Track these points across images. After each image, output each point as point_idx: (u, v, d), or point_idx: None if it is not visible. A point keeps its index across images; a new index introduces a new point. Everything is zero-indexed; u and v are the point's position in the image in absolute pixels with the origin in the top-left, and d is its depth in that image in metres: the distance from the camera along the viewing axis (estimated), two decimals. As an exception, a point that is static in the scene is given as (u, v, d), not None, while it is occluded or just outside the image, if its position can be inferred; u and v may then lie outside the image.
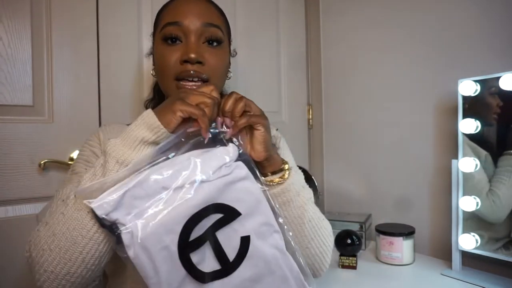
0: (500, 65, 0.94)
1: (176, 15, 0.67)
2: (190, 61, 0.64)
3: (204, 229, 0.50)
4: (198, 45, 0.66)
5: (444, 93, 1.08)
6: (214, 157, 0.54)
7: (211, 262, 0.51)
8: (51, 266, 0.51)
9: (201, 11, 0.68)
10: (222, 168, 0.53)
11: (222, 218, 0.52)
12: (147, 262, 0.48)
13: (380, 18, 1.27)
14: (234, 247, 0.52)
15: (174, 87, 0.67)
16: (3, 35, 0.85)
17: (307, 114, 1.51)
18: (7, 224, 0.86)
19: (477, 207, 0.92)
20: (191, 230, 0.49)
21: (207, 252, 0.51)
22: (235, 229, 0.52)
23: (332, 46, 1.46)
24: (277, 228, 0.55)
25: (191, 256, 0.49)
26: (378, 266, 1.03)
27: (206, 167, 0.52)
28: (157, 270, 0.48)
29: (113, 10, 1.01)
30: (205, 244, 0.51)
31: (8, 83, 0.86)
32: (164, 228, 0.48)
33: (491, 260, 0.93)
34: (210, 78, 0.67)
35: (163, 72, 0.68)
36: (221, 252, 0.51)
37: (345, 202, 1.39)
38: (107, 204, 0.48)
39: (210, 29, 0.67)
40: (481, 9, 1.01)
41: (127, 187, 0.49)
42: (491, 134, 0.93)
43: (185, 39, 0.67)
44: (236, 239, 0.52)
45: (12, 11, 0.86)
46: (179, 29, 0.66)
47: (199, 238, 0.50)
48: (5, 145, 0.86)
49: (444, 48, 1.09)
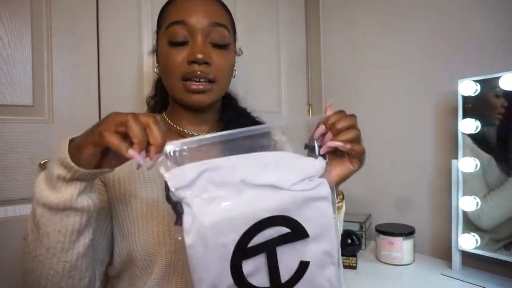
0: (500, 65, 0.94)
1: (182, 13, 0.65)
2: (197, 61, 0.64)
3: (266, 239, 0.45)
4: (205, 45, 0.65)
5: (444, 93, 1.08)
6: (301, 166, 0.50)
7: (262, 277, 0.46)
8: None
9: (208, 9, 0.67)
10: (305, 181, 0.49)
11: (288, 233, 0.47)
12: (202, 254, 0.43)
13: (380, 18, 1.27)
14: (290, 268, 0.47)
15: (181, 87, 0.66)
16: (3, 35, 0.85)
17: (307, 114, 1.51)
18: (7, 224, 0.86)
19: (477, 207, 0.92)
20: (253, 236, 0.45)
21: (260, 265, 0.46)
22: (297, 249, 0.47)
23: (332, 46, 1.46)
24: (335, 260, 0.51)
25: (243, 264, 0.45)
26: (378, 266, 1.03)
27: (290, 173, 0.48)
28: (208, 266, 0.43)
29: (113, 11, 1.01)
30: (260, 256, 0.46)
31: (8, 83, 0.86)
32: (230, 224, 0.44)
33: (491, 260, 0.93)
34: (217, 78, 0.67)
35: (169, 72, 0.67)
36: (275, 270, 0.46)
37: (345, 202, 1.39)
38: (183, 178, 0.43)
39: (217, 28, 0.66)
40: (481, 9, 1.01)
41: (207, 165, 0.44)
42: (492, 134, 0.93)
43: (191, 38, 0.65)
44: (295, 261, 0.47)
45: (12, 11, 0.86)
46: (185, 28, 0.65)
47: (257, 246, 0.45)
48: (5, 145, 0.86)
49: (444, 48, 1.09)
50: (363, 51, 1.34)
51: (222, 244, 0.43)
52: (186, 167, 0.44)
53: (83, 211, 0.48)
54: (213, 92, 0.68)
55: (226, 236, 0.44)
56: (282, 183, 0.47)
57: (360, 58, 1.35)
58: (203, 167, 0.44)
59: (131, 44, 1.05)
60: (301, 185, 0.48)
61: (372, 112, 1.31)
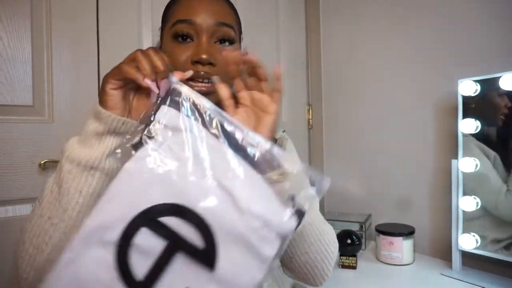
0: (500, 65, 0.94)
1: (188, 12, 0.64)
2: (202, 62, 0.63)
3: (177, 231, 0.39)
4: (210, 45, 0.65)
5: (444, 93, 1.08)
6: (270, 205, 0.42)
7: (142, 264, 0.38)
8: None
9: (215, 9, 0.66)
10: (260, 221, 0.40)
11: (199, 249, 0.39)
12: (126, 186, 0.41)
13: (380, 18, 1.27)
14: (170, 283, 0.38)
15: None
16: (3, 35, 0.85)
17: (307, 114, 1.51)
18: (7, 224, 0.86)
19: (477, 207, 0.92)
20: (171, 214, 0.39)
21: (151, 250, 0.39)
22: (192, 275, 0.39)
23: (332, 46, 1.46)
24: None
25: (142, 229, 0.39)
26: (378, 266, 1.03)
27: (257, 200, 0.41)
28: (124, 201, 0.40)
29: (113, 10, 1.01)
30: (158, 240, 0.39)
31: (8, 83, 0.86)
32: (163, 185, 0.40)
33: (491, 260, 0.93)
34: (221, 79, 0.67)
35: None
36: (159, 270, 0.38)
37: (345, 202, 1.39)
38: (173, 121, 0.43)
39: (223, 28, 0.65)
40: (481, 9, 1.01)
41: (197, 133, 0.43)
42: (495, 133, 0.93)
43: (196, 38, 0.65)
44: (181, 283, 0.39)
45: (12, 11, 0.86)
46: (191, 27, 0.64)
47: (165, 228, 0.39)
48: (5, 145, 0.86)
49: (444, 48, 1.09)
50: (363, 51, 1.34)
51: (145, 193, 0.40)
52: (182, 120, 0.44)
53: (107, 173, 0.49)
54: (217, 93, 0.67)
55: (153, 190, 0.40)
56: (241, 200, 0.40)
57: (360, 58, 1.35)
58: (194, 132, 0.43)
59: (131, 44, 1.05)
60: (254, 222, 0.40)
61: (372, 112, 1.31)
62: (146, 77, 0.47)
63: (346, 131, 1.41)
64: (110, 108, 0.49)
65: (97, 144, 0.49)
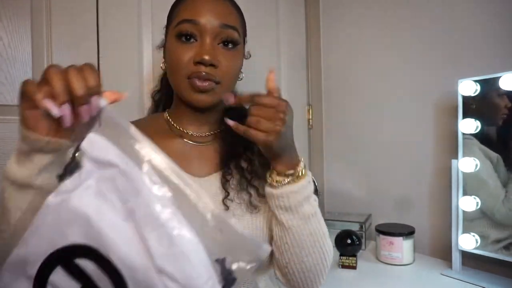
0: (500, 65, 0.94)
1: (193, 13, 0.64)
2: (204, 63, 0.63)
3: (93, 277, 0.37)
4: (213, 47, 0.65)
5: (444, 93, 1.08)
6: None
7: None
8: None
9: (220, 10, 0.66)
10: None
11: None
12: (46, 221, 0.39)
13: (380, 18, 1.27)
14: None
15: (186, 85, 0.65)
16: (3, 35, 0.85)
17: (307, 114, 1.51)
18: (7, 224, 0.86)
19: (477, 207, 0.92)
20: (85, 257, 0.37)
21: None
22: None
23: (332, 46, 1.46)
24: None
25: (56, 269, 0.38)
26: (378, 266, 1.03)
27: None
28: (42, 238, 0.39)
29: (113, 10, 1.01)
30: (71, 282, 0.37)
31: (8, 83, 0.86)
32: (84, 223, 0.38)
33: (491, 260, 0.93)
34: (222, 80, 0.66)
35: (175, 70, 0.66)
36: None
37: (345, 202, 1.39)
38: (102, 153, 0.40)
39: (227, 30, 0.65)
40: (481, 9, 1.01)
41: (127, 167, 0.39)
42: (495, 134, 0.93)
43: (200, 38, 0.64)
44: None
45: (12, 11, 0.86)
46: (195, 28, 0.64)
47: (81, 271, 0.37)
48: (5, 145, 0.86)
49: (444, 48, 1.09)
50: (363, 51, 1.34)
51: (63, 231, 0.38)
52: (112, 150, 0.39)
53: (42, 189, 0.46)
54: (217, 93, 0.67)
55: (70, 230, 0.38)
56: (157, 257, 0.36)
57: (360, 58, 1.35)
58: (125, 165, 0.38)
59: (131, 44, 1.05)
60: (170, 283, 0.36)
61: (372, 112, 1.31)
62: (49, 98, 0.41)
63: (346, 131, 1.41)
64: (31, 128, 0.44)
65: (27, 163, 0.46)
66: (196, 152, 0.71)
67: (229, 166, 0.70)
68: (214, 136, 0.74)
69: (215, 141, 0.74)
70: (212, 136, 0.74)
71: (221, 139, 0.74)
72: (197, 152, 0.71)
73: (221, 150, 0.73)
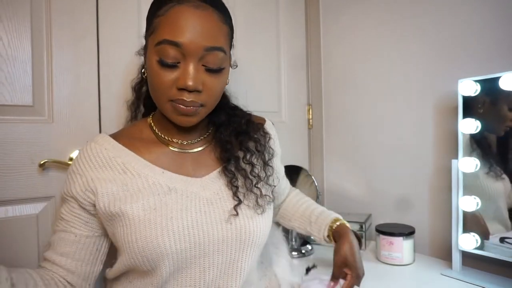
0: (500, 65, 0.94)
1: (176, 33, 0.59)
2: (188, 89, 0.61)
3: None
4: (197, 70, 0.61)
5: (444, 93, 1.08)
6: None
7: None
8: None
9: (205, 27, 0.60)
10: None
11: None
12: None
13: (380, 18, 1.27)
14: None
15: (169, 107, 0.64)
16: (3, 35, 0.85)
17: (307, 114, 1.51)
18: (7, 224, 0.86)
19: (477, 207, 0.92)
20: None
21: None
22: None
23: (332, 46, 1.46)
24: None
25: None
26: (378, 266, 1.03)
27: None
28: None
29: (113, 10, 1.01)
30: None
31: (8, 83, 0.86)
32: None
33: (491, 260, 0.93)
34: (206, 103, 0.65)
35: (157, 92, 0.63)
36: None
37: (345, 202, 1.39)
38: None
39: (213, 53, 0.61)
40: (481, 9, 1.01)
41: None
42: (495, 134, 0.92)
43: (183, 61, 0.61)
44: None
45: (12, 11, 0.86)
46: (178, 51, 0.60)
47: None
48: (5, 145, 0.86)
49: (444, 48, 1.09)
50: (363, 51, 1.34)
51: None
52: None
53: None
54: (201, 114, 0.66)
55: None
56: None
57: (360, 58, 1.35)
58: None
59: (131, 44, 1.05)
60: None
61: (372, 112, 1.31)
62: None
63: (346, 131, 1.41)
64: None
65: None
66: (189, 158, 0.72)
67: (226, 161, 0.71)
68: (204, 140, 0.75)
69: (206, 144, 0.75)
70: (202, 141, 0.75)
71: (212, 140, 0.75)
72: (189, 158, 0.72)
73: (214, 150, 0.74)
